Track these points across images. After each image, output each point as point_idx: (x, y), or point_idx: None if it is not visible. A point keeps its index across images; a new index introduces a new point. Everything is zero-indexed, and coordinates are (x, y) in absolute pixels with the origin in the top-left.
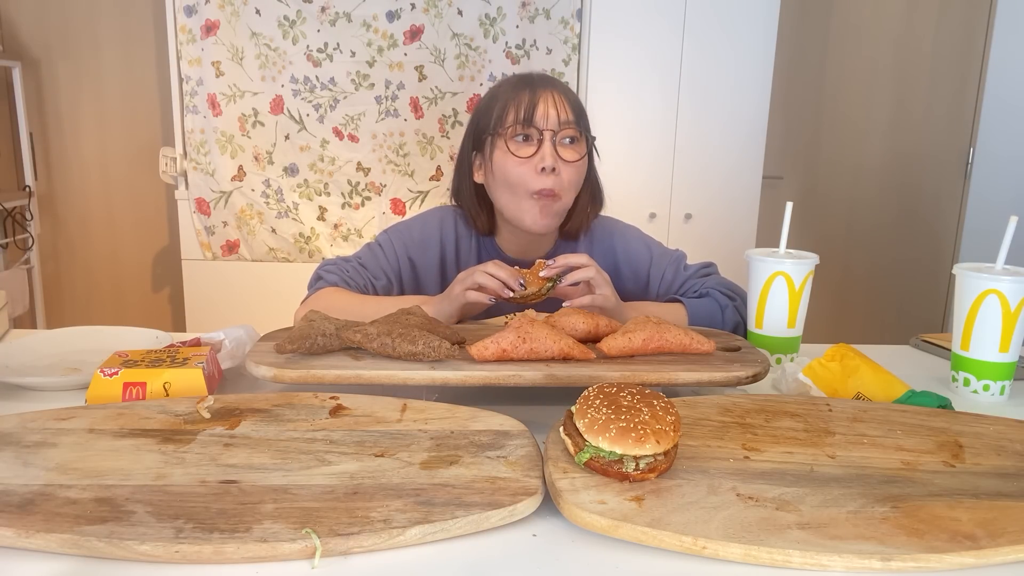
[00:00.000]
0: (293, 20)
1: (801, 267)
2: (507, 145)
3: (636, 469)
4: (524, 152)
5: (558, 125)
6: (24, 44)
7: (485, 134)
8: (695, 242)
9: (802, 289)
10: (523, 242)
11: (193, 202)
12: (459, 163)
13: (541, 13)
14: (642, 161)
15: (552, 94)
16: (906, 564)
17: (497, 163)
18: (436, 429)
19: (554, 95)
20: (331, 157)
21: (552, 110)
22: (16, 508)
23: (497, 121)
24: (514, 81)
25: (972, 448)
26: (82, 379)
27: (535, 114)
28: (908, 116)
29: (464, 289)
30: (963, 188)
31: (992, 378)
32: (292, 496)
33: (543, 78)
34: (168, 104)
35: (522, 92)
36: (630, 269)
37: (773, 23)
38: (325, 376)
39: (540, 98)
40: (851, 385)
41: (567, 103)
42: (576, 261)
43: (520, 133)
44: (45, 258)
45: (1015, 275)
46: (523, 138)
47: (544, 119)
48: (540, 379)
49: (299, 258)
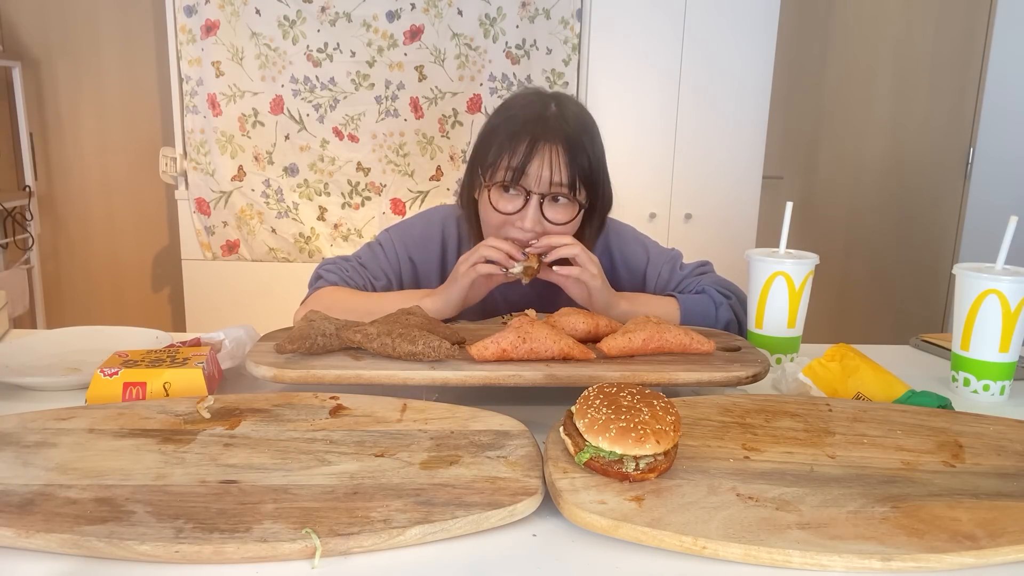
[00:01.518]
0: (293, 20)
1: (801, 267)
2: (492, 194)
3: (636, 469)
4: (508, 207)
5: (549, 187)
6: (24, 44)
7: (478, 168)
8: (695, 242)
9: (802, 289)
10: None
11: (193, 202)
12: (466, 170)
13: (541, 13)
14: (642, 161)
15: (553, 150)
16: (906, 564)
17: (483, 204)
18: (436, 429)
19: (554, 152)
20: (331, 157)
21: (546, 171)
22: (16, 508)
23: (491, 164)
24: (520, 120)
25: (972, 448)
26: (82, 379)
27: (526, 173)
28: (908, 117)
29: (471, 266)
30: (963, 189)
31: (992, 378)
32: (292, 496)
33: (549, 129)
34: (168, 104)
35: (521, 142)
36: (626, 268)
37: (773, 23)
38: (325, 376)
39: (537, 154)
40: (851, 385)
41: (564, 163)
42: (559, 241)
43: (508, 187)
44: (45, 258)
45: (1015, 275)
46: (512, 191)
47: (536, 181)
48: (540, 379)
49: (299, 258)
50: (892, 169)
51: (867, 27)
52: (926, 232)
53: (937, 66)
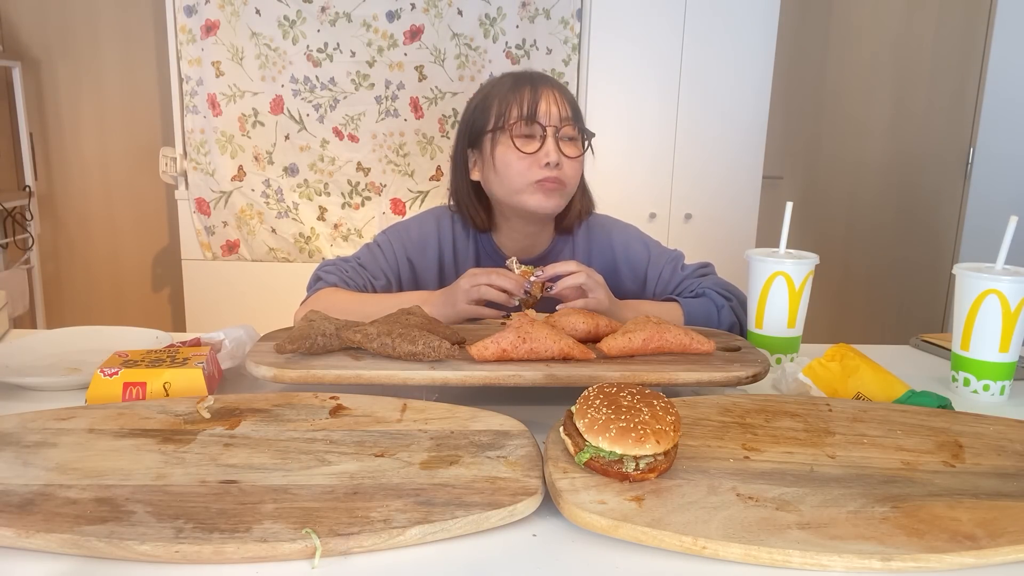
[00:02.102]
0: (293, 20)
1: (801, 267)
2: (512, 141)
3: (636, 469)
4: (529, 148)
5: (559, 122)
6: (24, 44)
7: (484, 131)
8: (695, 242)
9: (802, 289)
10: (521, 239)
11: (193, 202)
12: (454, 163)
13: (541, 13)
14: (642, 161)
15: (552, 92)
16: (906, 564)
17: (500, 158)
18: (436, 429)
19: (554, 93)
20: (331, 157)
21: (554, 107)
22: (16, 508)
23: (499, 118)
24: (511, 79)
25: (972, 448)
26: (82, 379)
27: (538, 111)
28: (908, 116)
29: (468, 303)
30: (963, 188)
31: (992, 378)
32: (292, 496)
33: (540, 76)
34: (168, 104)
35: (523, 89)
36: (628, 267)
37: (773, 23)
38: (325, 376)
39: (542, 95)
40: (851, 385)
41: (566, 101)
42: (564, 269)
43: (524, 129)
44: (45, 258)
45: (1015, 275)
46: (526, 134)
47: (547, 116)
48: (540, 379)
49: (299, 258)
50: (892, 169)
51: (867, 27)
52: (926, 232)
53: (937, 66)
